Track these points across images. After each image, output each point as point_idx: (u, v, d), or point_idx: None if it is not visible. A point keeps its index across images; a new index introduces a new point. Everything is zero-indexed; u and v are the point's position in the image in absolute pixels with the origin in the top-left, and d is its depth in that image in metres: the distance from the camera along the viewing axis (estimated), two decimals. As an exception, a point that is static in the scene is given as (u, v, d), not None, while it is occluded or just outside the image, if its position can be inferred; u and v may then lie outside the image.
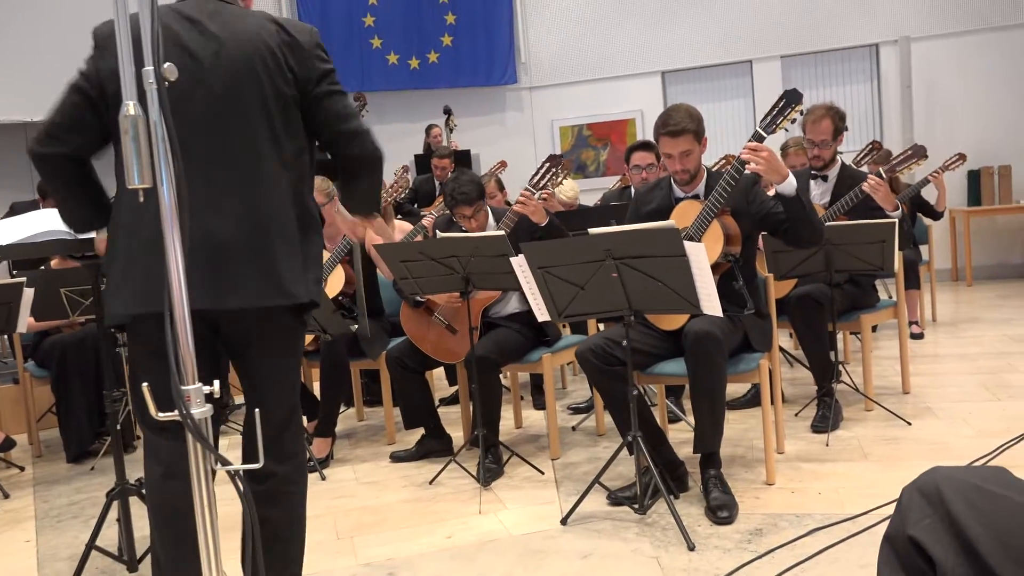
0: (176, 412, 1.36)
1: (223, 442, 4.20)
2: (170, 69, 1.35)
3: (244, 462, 2.02)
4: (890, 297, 4.57)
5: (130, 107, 1.33)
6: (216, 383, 1.41)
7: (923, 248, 6.20)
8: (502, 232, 3.44)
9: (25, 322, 4.16)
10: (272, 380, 2.05)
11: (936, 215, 6.21)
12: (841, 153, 4.18)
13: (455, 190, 3.76)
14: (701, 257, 2.65)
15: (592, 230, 2.81)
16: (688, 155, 3.16)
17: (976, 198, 7.92)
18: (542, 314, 2.98)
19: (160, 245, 1.39)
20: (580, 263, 2.77)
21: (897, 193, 5.43)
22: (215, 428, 2.24)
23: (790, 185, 3.03)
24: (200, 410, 1.40)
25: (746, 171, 3.04)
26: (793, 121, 3.21)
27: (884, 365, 4.78)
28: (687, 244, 2.63)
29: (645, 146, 4.49)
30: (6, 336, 5.68)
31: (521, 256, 2.87)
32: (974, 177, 7.88)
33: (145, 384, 1.39)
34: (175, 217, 1.38)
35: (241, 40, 1.93)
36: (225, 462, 1.42)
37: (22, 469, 4.31)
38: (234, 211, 1.89)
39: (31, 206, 5.04)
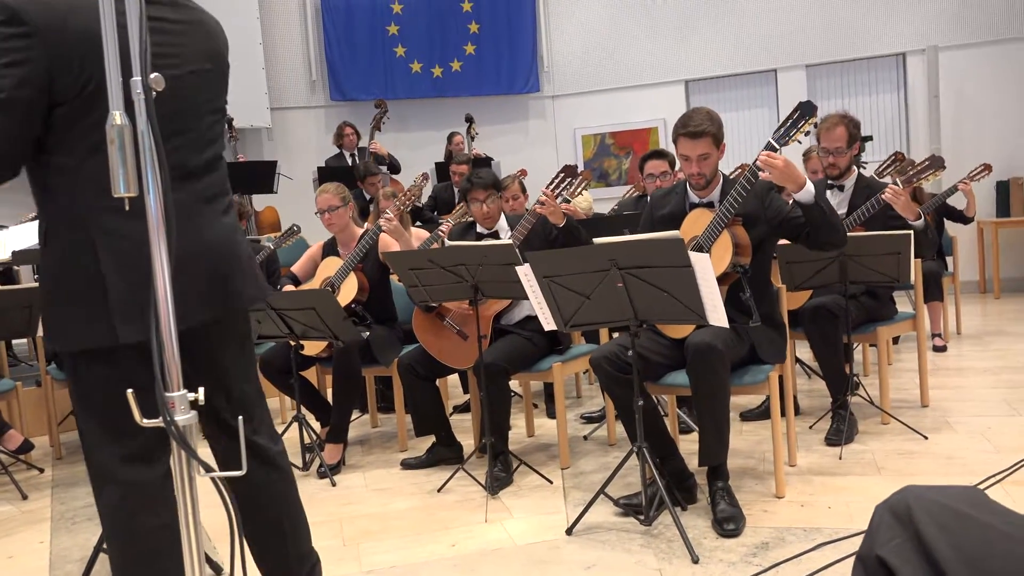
0: (160, 419, 1.37)
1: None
2: (157, 79, 1.37)
3: (223, 466, 2.04)
4: (914, 309, 4.50)
5: (116, 116, 1.34)
6: (201, 390, 1.42)
7: (949, 259, 6.10)
8: (510, 241, 3.45)
9: (46, 326, 4.22)
10: (249, 373, 2.05)
11: (966, 220, 6.11)
12: (865, 164, 4.12)
13: (473, 175, 3.83)
14: (706, 268, 2.63)
15: (597, 240, 2.80)
16: (706, 159, 3.13)
17: (1005, 209, 7.78)
18: (548, 323, 2.97)
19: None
20: (585, 272, 2.76)
21: (921, 204, 5.36)
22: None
23: (808, 192, 3.00)
24: (184, 417, 1.41)
25: (760, 178, 3.01)
26: (807, 133, 3.18)
27: (905, 378, 4.70)
28: (692, 255, 2.61)
29: (659, 154, 4.47)
30: (29, 339, 5.77)
31: (526, 265, 2.86)
32: (1003, 188, 7.75)
33: (130, 391, 1.40)
34: (162, 225, 1.40)
35: (200, 40, 1.87)
36: (209, 469, 1.43)
37: (41, 471, 4.37)
38: (211, 214, 1.89)
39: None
